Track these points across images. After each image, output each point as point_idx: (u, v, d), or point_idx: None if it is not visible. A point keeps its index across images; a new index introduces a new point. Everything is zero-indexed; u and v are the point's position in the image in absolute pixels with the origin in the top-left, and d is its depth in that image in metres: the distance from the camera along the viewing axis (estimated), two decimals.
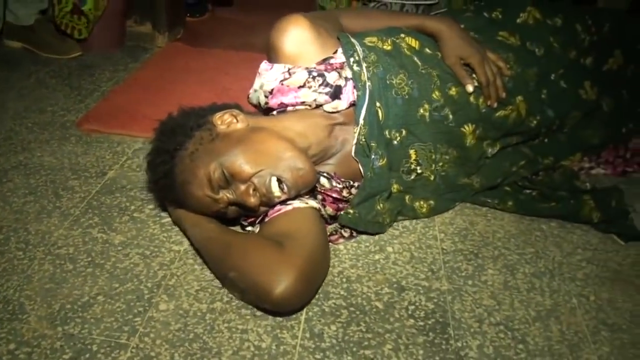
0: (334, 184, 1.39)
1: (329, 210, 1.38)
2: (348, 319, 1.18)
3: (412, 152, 1.45)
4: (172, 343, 1.08)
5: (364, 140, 1.37)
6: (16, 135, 1.69)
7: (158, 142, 1.29)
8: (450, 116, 1.46)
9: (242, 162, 1.21)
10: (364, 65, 1.39)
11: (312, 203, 1.30)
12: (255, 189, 1.22)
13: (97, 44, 2.33)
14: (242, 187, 1.22)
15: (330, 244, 1.38)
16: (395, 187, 1.45)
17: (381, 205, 1.41)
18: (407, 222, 1.50)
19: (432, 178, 1.50)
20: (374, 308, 1.21)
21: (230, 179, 1.22)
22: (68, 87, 2.03)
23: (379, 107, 1.39)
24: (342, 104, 1.38)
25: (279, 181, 1.24)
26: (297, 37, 1.37)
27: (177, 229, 1.38)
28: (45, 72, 2.13)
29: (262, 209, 1.27)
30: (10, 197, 1.43)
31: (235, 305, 1.18)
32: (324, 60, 1.39)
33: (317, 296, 1.23)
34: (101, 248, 1.30)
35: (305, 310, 1.19)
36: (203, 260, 1.29)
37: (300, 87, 1.36)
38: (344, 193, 1.40)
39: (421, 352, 1.13)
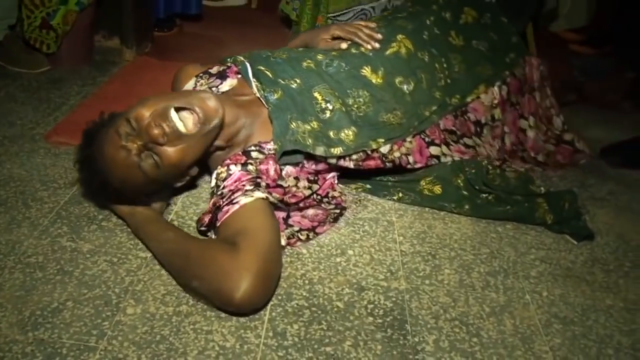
0: (266, 151, 1.46)
1: (276, 195, 1.41)
2: (310, 318, 1.23)
3: (316, 94, 1.55)
4: (139, 345, 1.12)
5: (262, 92, 1.52)
6: None
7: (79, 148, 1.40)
8: (343, 64, 1.62)
9: (141, 107, 1.32)
10: (239, 58, 1.65)
11: (258, 194, 1.34)
12: (158, 124, 1.29)
13: (65, 58, 2.36)
14: (145, 123, 1.29)
15: (289, 247, 1.44)
16: (315, 124, 1.51)
17: (294, 124, 1.47)
18: (367, 227, 1.56)
19: (344, 110, 1.56)
20: (334, 308, 1.27)
21: (136, 127, 1.29)
22: (37, 101, 2.06)
23: (264, 69, 1.57)
24: (230, 79, 1.61)
25: (178, 110, 1.33)
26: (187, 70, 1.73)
27: None
28: (14, 87, 2.15)
29: (173, 149, 1.32)
30: None
31: (200, 308, 1.22)
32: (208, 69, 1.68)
33: (279, 297, 1.28)
34: (70, 256, 1.33)
35: (268, 310, 1.24)
36: (166, 271, 1.33)
37: (194, 87, 1.64)
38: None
39: (379, 347, 1.18)
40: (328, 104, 1.54)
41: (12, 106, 2.00)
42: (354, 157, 1.55)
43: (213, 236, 1.38)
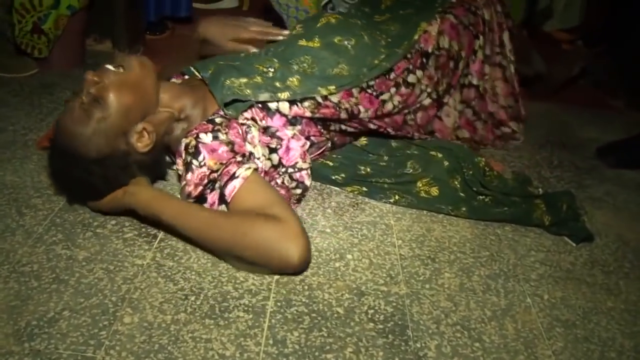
0: (227, 116, 1.50)
1: (265, 152, 1.50)
2: (310, 324, 1.22)
3: (257, 65, 1.63)
4: (137, 355, 1.10)
5: (199, 74, 1.64)
6: None
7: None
8: (278, 49, 1.72)
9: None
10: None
11: (252, 165, 1.39)
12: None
13: (57, 62, 2.33)
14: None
15: None
16: (258, 79, 1.57)
17: (228, 81, 1.53)
18: (365, 231, 1.55)
19: (288, 69, 1.62)
20: (335, 313, 1.25)
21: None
22: (29, 106, 2.03)
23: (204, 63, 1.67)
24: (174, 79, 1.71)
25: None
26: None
27: (139, 242, 1.40)
28: (5, 92, 2.12)
29: (108, 82, 1.41)
30: None
31: (199, 316, 1.21)
32: None
33: (279, 304, 1.26)
34: (65, 264, 1.31)
35: (267, 317, 1.22)
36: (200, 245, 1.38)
37: None
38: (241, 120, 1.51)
39: (381, 353, 1.17)
40: (270, 68, 1.62)
41: (4, 112, 1.98)
42: (306, 104, 1.57)
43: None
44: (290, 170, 1.54)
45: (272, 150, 1.52)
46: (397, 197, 1.70)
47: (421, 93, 1.83)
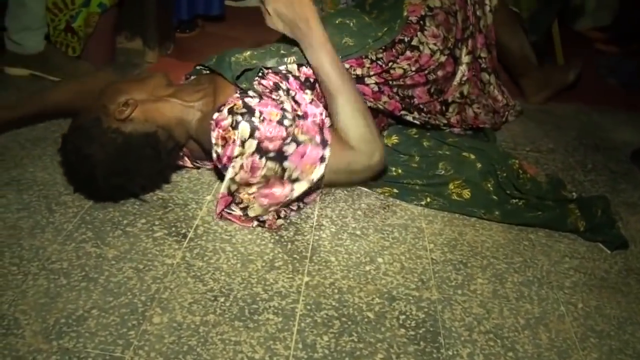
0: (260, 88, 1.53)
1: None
2: (340, 329, 1.20)
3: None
4: (166, 356, 1.09)
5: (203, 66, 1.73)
6: (8, 152, 1.70)
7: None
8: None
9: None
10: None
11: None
12: None
13: (88, 60, 2.33)
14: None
15: (284, 219, 1.54)
16: (263, 51, 1.64)
17: (232, 58, 1.58)
18: (396, 233, 1.52)
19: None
20: (365, 318, 1.23)
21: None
22: None
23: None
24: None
25: None
26: None
27: (169, 241, 1.40)
28: (39, 91, 2.13)
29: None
30: (4, 214, 1.43)
31: (228, 317, 1.19)
32: None
33: (308, 307, 1.25)
34: (95, 262, 1.31)
35: (297, 321, 1.20)
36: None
37: None
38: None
39: None
40: (280, 47, 1.65)
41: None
42: None
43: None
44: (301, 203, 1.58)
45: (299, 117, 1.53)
46: (428, 199, 1.67)
47: (434, 53, 1.86)
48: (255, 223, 1.48)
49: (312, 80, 1.58)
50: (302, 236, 1.47)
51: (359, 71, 1.69)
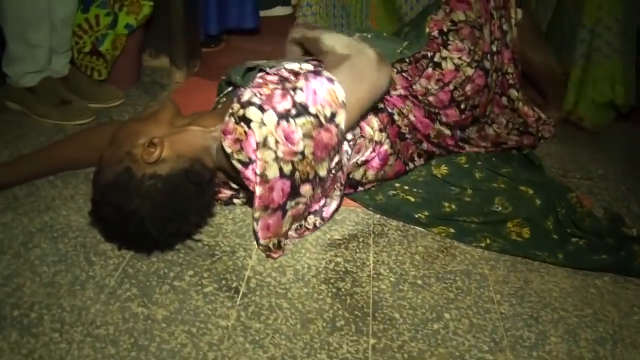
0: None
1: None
2: None
3: None
4: None
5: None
6: (38, 191, 1.59)
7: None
8: None
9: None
10: None
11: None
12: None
13: (113, 82, 2.22)
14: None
15: (299, 237, 1.53)
16: None
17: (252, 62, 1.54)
18: (459, 282, 1.42)
19: None
20: None
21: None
22: None
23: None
24: None
25: None
26: None
27: (221, 298, 1.29)
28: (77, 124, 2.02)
29: None
30: (39, 267, 1.33)
31: None
32: None
33: None
34: (143, 326, 1.20)
35: None
36: None
37: None
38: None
39: None
40: None
41: None
42: None
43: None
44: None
45: None
46: (488, 240, 1.57)
47: (458, 67, 1.79)
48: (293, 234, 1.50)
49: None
50: (360, 288, 1.37)
51: None
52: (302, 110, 1.33)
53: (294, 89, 1.35)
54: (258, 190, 1.32)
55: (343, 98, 1.37)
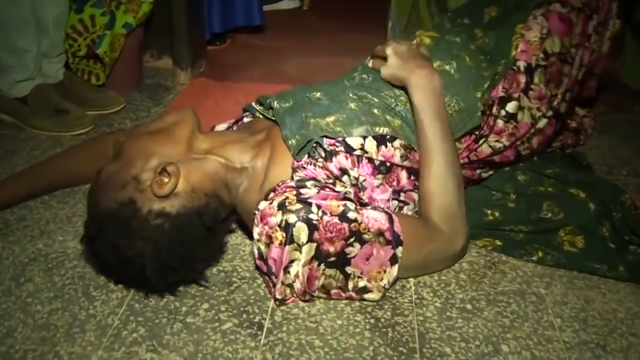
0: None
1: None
2: None
3: (344, 97, 1.32)
4: None
5: (268, 105, 1.36)
6: (31, 214, 1.42)
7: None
8: (365, 76, 1.41)
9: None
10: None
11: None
12: None
13: (113, 85, 2.05)
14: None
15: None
16: (352, 105, 1.29)
17: (313, 120, 1.25)
18: (514, 305, 1.24)
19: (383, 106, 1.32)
20: None
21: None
22: None
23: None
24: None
25: None
26: None
27: (242, 336, 1.11)
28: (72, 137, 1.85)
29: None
30: (32, 306, 1.15)
31: None
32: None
33: None
34: None
35: None
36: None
37: None
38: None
39: None
40: (362, 98, 1.32)
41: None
42: (397, 143, 1.26)
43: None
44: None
45: (363, 205, 1.24)
46: (540, 253, 1.39)
47: (536, 121, 1.43)
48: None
49: (388, 164, 1.25)
50: (402, 317, 1.19)
51: None
52: (339, 262, 1.15)
53: (353, 237, 1.13)
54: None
55: (388, 284, 1.20)
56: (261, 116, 1.40)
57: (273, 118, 1.31)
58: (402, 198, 1.29)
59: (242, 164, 1.25)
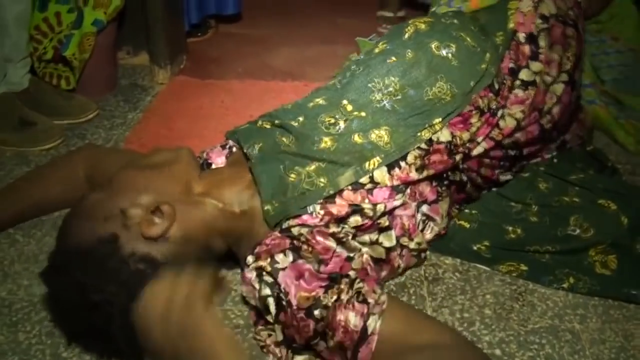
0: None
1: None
2: None
3: (323, 116, 1.18)
4: None
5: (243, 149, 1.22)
6: None
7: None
8: (357, 69, 1.29)
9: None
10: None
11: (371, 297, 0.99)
12: None
13: (84, 89, 1.87)
14: None
15: None
16: (327, 141, 1.14)
17: (292, 175, 1.11)
18: (547, 346, 1.11)
19: (363, 114, 1.18)
20: None
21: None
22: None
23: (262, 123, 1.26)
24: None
25: None
26: None
27: None
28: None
29: None
30: None
31: None
32: None
33: None
34: None
35: None
36: None
37: None
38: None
39: None
40: (339, 119, 1.17)
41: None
42: (410, 159, 1.14)
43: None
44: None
45: (383, 230, 1.12)
46: (571, 279, 1.26)
47: (548, 86, 1.35)
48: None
49: (408, 181, 1.14)
50: None
51: (465, 136, 1.22)
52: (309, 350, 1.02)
53: (318, 337, 0.98)
54: None
55: None
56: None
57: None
58: (425, 211, 1.21)
59: (241, 206, 1.11)
